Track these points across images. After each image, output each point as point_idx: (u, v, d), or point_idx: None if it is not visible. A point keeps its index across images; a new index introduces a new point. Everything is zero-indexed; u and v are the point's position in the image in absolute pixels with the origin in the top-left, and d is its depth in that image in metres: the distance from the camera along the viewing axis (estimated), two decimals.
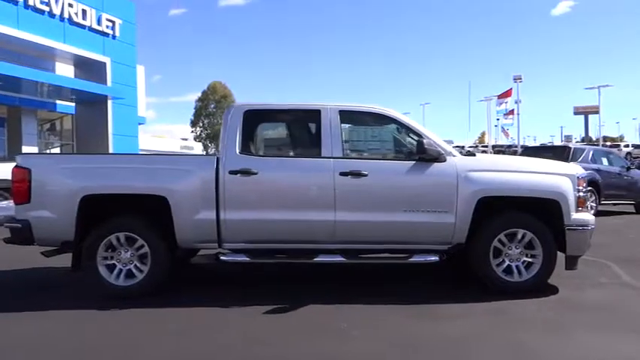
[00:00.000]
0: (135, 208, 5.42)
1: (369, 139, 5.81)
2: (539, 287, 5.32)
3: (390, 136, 5.66)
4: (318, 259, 5.32)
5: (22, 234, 5.24)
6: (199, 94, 75.19)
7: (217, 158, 5.30)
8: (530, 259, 5.33)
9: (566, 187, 5.32)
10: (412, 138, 5.48)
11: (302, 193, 5.29)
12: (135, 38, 22.24)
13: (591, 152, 13.68)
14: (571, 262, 5.40)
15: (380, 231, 5.31)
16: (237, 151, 5.32)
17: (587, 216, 5.43)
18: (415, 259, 5.33)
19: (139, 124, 23.75)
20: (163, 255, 5.28)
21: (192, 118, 76.85)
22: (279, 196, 5.28)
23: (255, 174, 5.22)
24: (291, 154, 5.42)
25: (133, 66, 21.93)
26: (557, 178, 5.35)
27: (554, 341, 4.03)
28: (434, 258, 5.33)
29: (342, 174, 5.22)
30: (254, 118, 5.48)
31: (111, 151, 19.44)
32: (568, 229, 5.28)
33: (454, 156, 5.39)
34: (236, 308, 4.92)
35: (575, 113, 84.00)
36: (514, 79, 36.43)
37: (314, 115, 5.49)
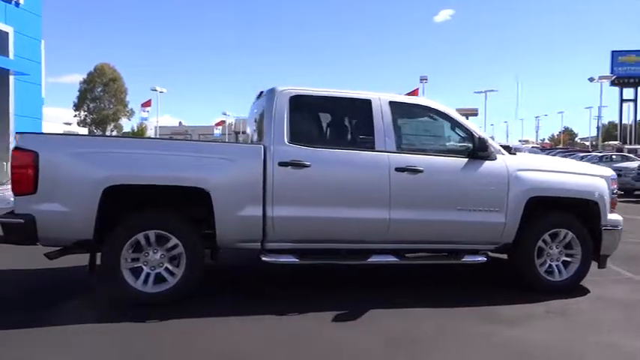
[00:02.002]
0: (167, 202, 4.67)
1: (420, 133, 5.52)
2: (576, 286, 5.40)
3: (441, 130, 5.41)
4: (372, 259, 4.94)
5: (24, 231, 4.28)
6: (84, 76, 70.00)
7: (264, 148, 4.71)
8: (568, 259, 5.38)
9: (604, 188, 5.44)
10: (463, 134, 5.28)
11: (357, 189, 4.87)
12: (41, 7, 19.77)
13: None
14: (603, 262, 5.54)
15: (433, 230, 5.06)
16: (286, 140, 4.77)
17: (618, 217, 5.59)
18: (467, 259, 5.15)
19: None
20: (200, 257, 4.60)
21: (76, 101, 71.35)
22: (333, 191, 4.81)
23: (308, 166, 4.71)
24: (343, 146, 4.97)
25: (39, 39, 19.48)
26: (597, 180, 5.45)
27: None
28: (482, 258, 5.20)
29: (398, 169, 4.89)
30: (300, 104, 4.94)
31: (11, 133, 17.07)
32: (604, 229, 5.40)
33: (503, 154, 5.28)
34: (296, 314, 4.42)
35: None
36: (420, 80, 38.01)
37: (364, 104, 5.09)
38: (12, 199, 4.44)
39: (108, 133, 68.75)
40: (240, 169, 4.62)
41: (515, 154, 5.53)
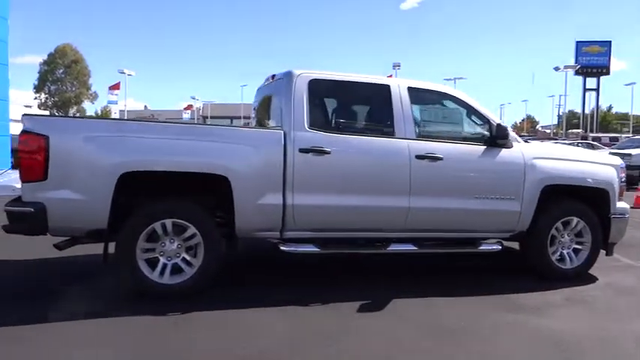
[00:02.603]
0: (183, 189, 4.46)
1: (438, 120, 5.43)
2: (585, 274, 5.47)
3: (459, 117, 5.34)
4: (392, 248, 4.87)
5: (34, 221, 4.02)
6: (44, 57, 67.46)
7: (284, 133, 4.55)
8: (579, 247, 5.43)
9: (614, 177, 5.49)
10: (479, 121, 5.22)
11: (378, 177, 4.76)
12: None
13: None
14: (611, 249, 5.61)
15: (451, 219, 5.01)
16: (307, 126, 4.62)
17: (626, 205, 5.67)
18: (484, 247, 5.14)
19: None
20: (218, 246, 4.42)
21: (37, 83, 68.78)
22: (354, 179, 4.69)
23: (328, 153, 4.57)
24: (362, 132, 4.84)
25: (6, 17, 18.50)
26: (607, 168, 5.50)
27: None
28: (498, 246, 5.20)
29: (419, 157, 4.81)
30: (318, 88, 4.78)
31: None
32: (613, 217, 5.47)
33: (519, 142, 5.26)
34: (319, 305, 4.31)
35: None
36: (393, 67, 38.08)
37: (383, 90, 4.97)
38: (17, 185, 4.17)
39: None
40: (260, 156, 4.45)
41: (528, 141, 5.52)
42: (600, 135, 35.92)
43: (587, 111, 56.55)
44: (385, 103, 4.92)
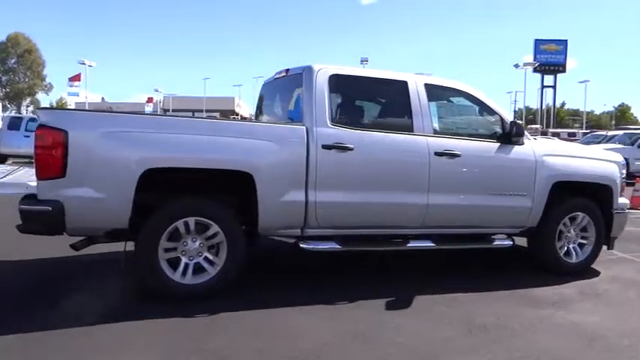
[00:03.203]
0: (204, 187, 4.32)
1: (453, 116, 5.42)
2: (589, 268, 5.61)
3: (473, 114, 5.36)
4: (410, 245, 4.86)
5: (51, 220, 3.80)
6: None
7: (306, 129, 4.46)
8: (584, 241, 5.57)
9: (617, 173, 5.65)
10: (493, 118, 5.27)
11: (399, 174, 4.74)
12: None
13: None
14: (612, 243, 5.78)
15: (467, 215, 5.04)
16: (329, 122, 4.54)
17: (625, 200, 5.84)
18: (497, 243, 5.21)
19: None
20: (242, 245, 4.30)
21: None
22: (376, 175, 4.65)
23: (351, 149, 4.52)
24: (382, 128, 4.79)
25: None
26: (611, 165, 5.65)
27: None
28: (509, 242, 5.28)
29: (438, 154, 4.81)
30: (338, 83, 4.70)
31: None
32: (615, 212, 5.63)
33: (529, 139, 5.34)
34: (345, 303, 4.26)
35: None
36: (361, 62, 38.20)
37: (401, 86, 4.94)
38: (32, 183, 3.93)
39: (23, 108, 64.11)
40: (284, 152, 4.34)
41: (535, 138, 5.61)
42: (559, 130, 37.05)
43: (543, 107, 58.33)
44: (403, 100, 4.89)
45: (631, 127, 31.85)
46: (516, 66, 46.35)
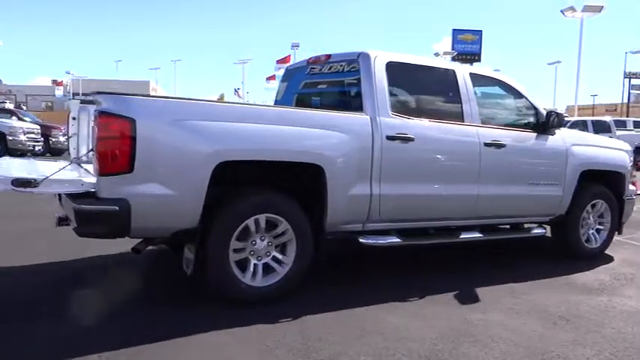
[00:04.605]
0: (273, 181, 3.99)
1: (494, 107, 5.38)
2: (604, 252, 5.87)
3: (512, 104, 5.37)
4: (463, 236, 4.81)
5: (118, 221, 3.34)
6: None
7: (370, 118, 4.25)
8: (601, 227, 5.81)
9: (628, 161, 5.94)
10: (528, 109, 5.32)
11: (455, 164, 4.67)
12: None
13: None
14: (621, 228, 6.07)
15: (509, 205, 5.08)
16: (390, 111, 4.35)
17: (633, 187, 6.16)
18: (535, 232, 5.31)
19: None
20: (311, 243, 4.04)
21: None
22: (435, 167, 4.54)
23: (412, 140, 4.37)
24: (437, 117, 4.65)
25: None
26: (623, 153, 5.92)
27: None
28: (543, 231, 5.39)
29: (487, 144, 4.78)
30: (394, 71, 4.50)
31: None
32: (626, 198, 5.92)
33: (559, 129, 5.45)
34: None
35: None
36: (292, 46, 37.78)
37: (450, 75, 4.85)
38: (86, 180, 3.42)
39: None
40: (351, 143, 4.10)
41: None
42: None
43: None
44: (453, 89, 4.81)
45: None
46: (436, 54, 48.09)
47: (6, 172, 3.50)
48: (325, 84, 5.03)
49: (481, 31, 55.98)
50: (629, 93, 54.93)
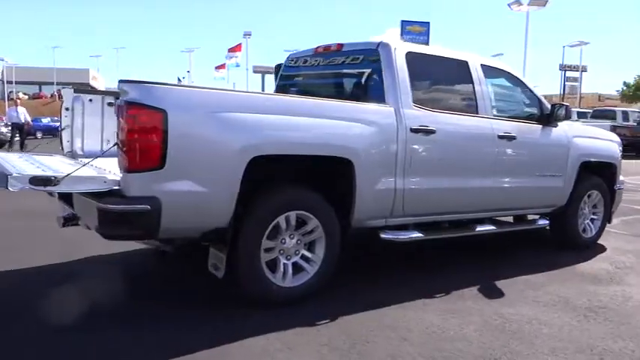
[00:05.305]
0: (301, 176, 3.79)
1: (503, 98, 5.33)
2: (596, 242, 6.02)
3: (518, 96, 5.36)
4: (478, 229, 4.78)
5: (148, 221, 3.07)
6: None
7: (394, 110, 4.11)
8: (595, 217, 5.95)
9: (619, 152, 6.10)
10: (532, 101, 5.34)
11: (474, 157, 4.63)
12: None
13: None
14: (611, 218, 6.24)
15: (518, 196, 5.09)
16: (412, 103, 4.24)
17: (622, 177, 6.33)
18: (540, 223, 5.36)
19: None
20: (339, 240, 3.88)
21: None
22: (455, 159, 4.48)
23: (434, 132, 4.28)
24: (455, 110, 4.56)
25: None
26: (615, 145, 6.07)
27: None
28: (546, 221, 5.44)
29: (500, 136, 4.76)
30: (414, 61, 4.38)
31: None
32: (617, 188, 6.09)
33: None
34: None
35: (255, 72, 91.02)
36: (244, 35, 37.03)
37: (464, 66, 4.78)
38: (110, 177, 3.11)
39: None
40: (378, 135, 3.96)
41: None
42: None
43: None
44: (467, 80, 4.75)
45: None
46: None
47: (20, 169, 3.13)
48: (337, 74, 4.84)
49: (429, 22, 56.36)
50: (564, 84, 57.48)
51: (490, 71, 5.06)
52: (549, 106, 5.29)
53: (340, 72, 4.78)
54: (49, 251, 4.89)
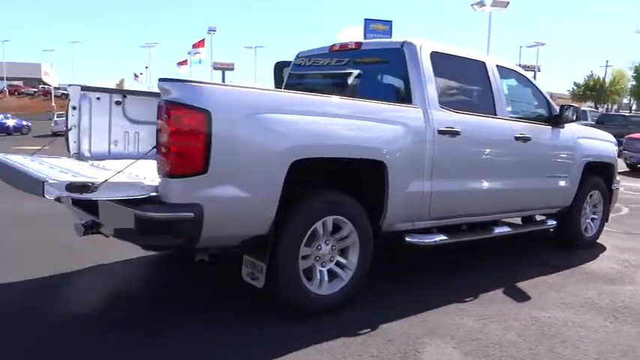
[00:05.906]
0: (336, 179, 3.66)
1: (516, 100, 5.31)
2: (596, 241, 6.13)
3: (529, 97, 5.36)
4: (497, 230, 4.77)
5: (189, 230, 2.88)
6: None
7: (422, 111, 4.03)
8: (595, 216, 6.05)
9: (616, 152, 6.22)
10: (541, 102, 5.37)
11: (495, 159, 4.60)
12: None
13: None
14: (608, 217, 6.36)
15: (530, 197, 5.11)
16: (438, 104, 4.16)
17: (617, 177, 6.47)
18: (549, 223, 5.40)
19: None
20: (372, 244, 3.77)
21: None
22: (479, 161, 4.44)
23: (459, 134, 4.22)
24: (476, 111, 4.50)
25: None
26: (612, 145, 6.19)
27: None
28: (554, 222, 5.49)
29: (517, 138, 4.76)
30: (438, 62, 4.30)
31: None
32: (614, 188, 6.21)
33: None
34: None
35: (215, 68, 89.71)
36: (209, 31, 36.34)
37: (481, 67, 4.74)
38: (147, 182, 2.90)
39: None
40: (408, 137, 3.87)
41: None
42: None
43: None
44: (485, 81, 4.72)
45: None
46: None
47: (49, 175, 2.88)
48: (355, 74, 4.72)
49: (391, 21, 57.05)
50: None
51: (504, 72, 5.04)
52: (557, 108, 5.33)
53: (359, 71, 4.66)
54: (52, 259, 4.59)
